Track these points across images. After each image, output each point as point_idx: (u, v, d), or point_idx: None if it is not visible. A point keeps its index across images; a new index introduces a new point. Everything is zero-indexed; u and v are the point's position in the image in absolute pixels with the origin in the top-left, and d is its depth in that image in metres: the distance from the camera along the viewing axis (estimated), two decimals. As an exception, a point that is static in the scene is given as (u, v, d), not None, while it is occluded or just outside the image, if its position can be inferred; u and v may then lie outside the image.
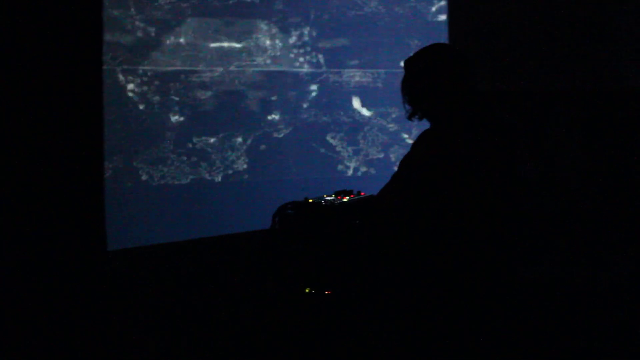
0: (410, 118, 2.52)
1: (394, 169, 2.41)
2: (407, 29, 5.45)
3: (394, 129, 5.47)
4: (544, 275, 4.14)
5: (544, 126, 5.08)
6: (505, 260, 2.40)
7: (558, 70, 5.07)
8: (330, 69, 5.29)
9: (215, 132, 4.97)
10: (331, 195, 2.66)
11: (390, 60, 5.40)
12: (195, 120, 4.92)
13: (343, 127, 5.35)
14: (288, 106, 5.19)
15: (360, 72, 5.38)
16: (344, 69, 5.34)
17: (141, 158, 4.76)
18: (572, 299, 3.81)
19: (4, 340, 3.13)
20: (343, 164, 5.35)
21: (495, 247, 2.37)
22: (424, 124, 2.50)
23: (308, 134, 5.24)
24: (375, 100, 5.42)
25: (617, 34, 4.99)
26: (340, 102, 5.34)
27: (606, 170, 5.00)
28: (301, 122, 5.22)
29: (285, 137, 5.17)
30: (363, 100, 5.40)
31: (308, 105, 5.25)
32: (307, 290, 2.47)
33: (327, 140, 5.31)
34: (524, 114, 5.08)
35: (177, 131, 4.87)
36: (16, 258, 3.27)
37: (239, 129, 5.04)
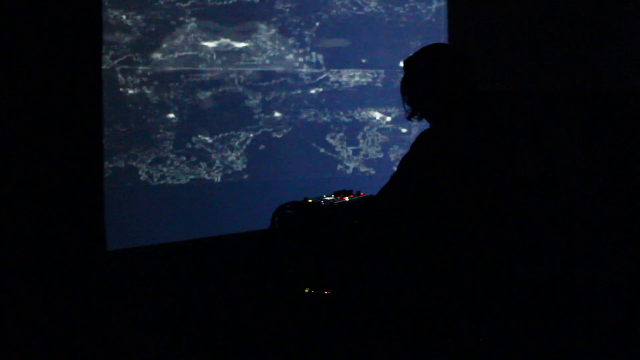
0: (410, 118, 2.52)
1: (394, 169, 2.41)
2: (407, 29, 5.45)
3: (393, 129, 5.47)
4: (544, 275, 4.14)
5: (544, 126, 5.09)
6: (505, 260, 2.40)
7: (558, 70, 5.07)
8: (330, 69, 5.29)
9: (215, 132, 4.97)
10: (331, 195, 2.66)
11: (390, 60, 5.40)
12: (195, 120, 4.92)
13: (343, 127, 5.35)
14: (288, 106, 5.19)
15: (360, 72, 5.38)
16: (344, 69, 5.34)
17: (141, 158, 4.76)
18: (572, 299, 3.81)
19: (4, 340, 3.12)
20: (343, 164, 5.35)
21: (495, 247, 2.37)
22: (424, 124, 2.50)
23: (308, 134, 5.24)
24: (375, 100, 5.42)
25: (617, 34, 4.99)
26: (340, 102, 5.34)
27: (606, 170, 5.01)
28: (301, 122, 5.22)
29: (285, 137, 5.17)
30: (363, 100, 5.40)
31: (308, 105, 5.25)
32: (307, 290, 2.47)
33: (327, 140, 5.31)
34: (524, 114, 5.08)
35: (177, 131, 4.87)
36: (16, 258, 3.26)
37: (239, 129, 5.04)
